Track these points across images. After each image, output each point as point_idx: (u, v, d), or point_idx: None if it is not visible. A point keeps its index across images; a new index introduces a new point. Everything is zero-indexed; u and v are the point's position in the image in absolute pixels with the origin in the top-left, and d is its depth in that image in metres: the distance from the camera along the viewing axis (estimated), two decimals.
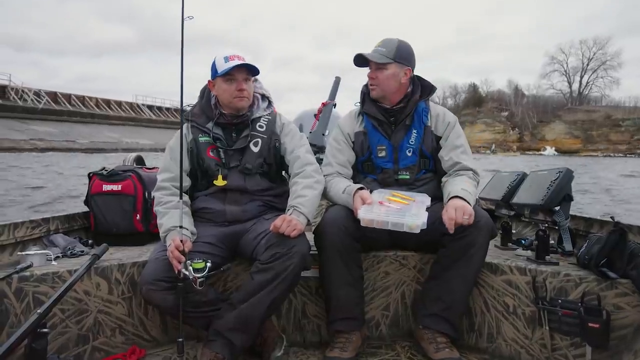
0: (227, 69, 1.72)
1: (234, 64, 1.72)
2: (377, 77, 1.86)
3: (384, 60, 1.84)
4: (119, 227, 2.16)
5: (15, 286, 1.58)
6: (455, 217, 1.59)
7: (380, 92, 1.88)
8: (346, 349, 1.69)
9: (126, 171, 2.23)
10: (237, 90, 1.75)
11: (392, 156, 1.90)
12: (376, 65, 1.86)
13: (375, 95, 1.90)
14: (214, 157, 1.80)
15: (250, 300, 1.58)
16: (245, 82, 1.76)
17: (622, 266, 1.58)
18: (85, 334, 1.69)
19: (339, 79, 3.05)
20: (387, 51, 1.85)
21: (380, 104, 1.92)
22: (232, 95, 1.76)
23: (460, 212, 1.59)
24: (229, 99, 1.77)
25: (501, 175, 2.56)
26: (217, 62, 1.76)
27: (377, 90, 1.88)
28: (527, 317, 1.72)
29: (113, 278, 1.75)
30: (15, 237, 1.88)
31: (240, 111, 1.81)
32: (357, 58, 1.89)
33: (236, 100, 1.77)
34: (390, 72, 1.85)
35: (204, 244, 1.69)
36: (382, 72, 1.85)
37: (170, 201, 1.74)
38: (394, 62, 1.84)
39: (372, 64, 1.87)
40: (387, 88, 1.87)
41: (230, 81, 1.75)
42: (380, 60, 1.84)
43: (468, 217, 1.60)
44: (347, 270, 1.72)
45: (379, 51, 1.86)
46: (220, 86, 1.77)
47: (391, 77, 1.85)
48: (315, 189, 1.75)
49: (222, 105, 1.82)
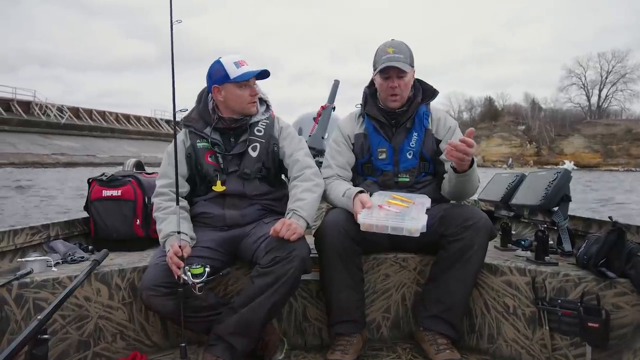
0: (245, 76, 1.73)
1: (251, 71, 1.74)
2: (399, 86, 1.82)
3: (407, 68, 1.81)
4: (119, 232, 2.16)
5: (16, 293, 1.58)
6: (457, 145, 1.55)
7: (402, 100, 1.86)
8: (347, 351, 1.69)
9: (126, 176, 2.23)
10: (250, 96, 1.78)
11: (392, 158, 1.90)
12: (399, 73, 1.80)
13: (398, 105, 1.86)
14: (212, 163, 1.81)
15: (250, 304, 1.58)
16: (255, 86, 1.80)
17: (621, 266, 1.59)
18: (86, 339, 1.69)
19: (337, 82, 3.06)
20: (404, 57, 1.82)
21: (383, 106, 1.92)
22: (247, 100, 1.78)
23: (463, 145, 1.55)
24: (242, 105, 1.79)
25: (500, 177, 2.57)
26: (227, 68, 1.74)
27: (399, 99, 1.85)
28: (527, 318, 1.72)
29: (113, 283, 1.75)
30: (15, 244, 1.88)
31: (250, 115, 1.83)
32: (388, 69, 1.79)
33: (250, 105, 1.80)
34: (408, 78, 1.84)
35: (203, 248, 1.69)
36: (403, 79, 1.82)
37: (169, 206, 1.74)
38: (411, 67, 1.84)
39: (394, 73, 1.80)
40: (407, 94, 1.87)
41: (244, 87, 1.76)
42: (405, 67, 1.80)
43: (465, 154, 1.57)
44: (347, 273, 1.73)
45: (397, 58, 1.80)
46: (233, 92, 1.76)
47: (409, 83, 1.86)
48: (314, 192, 1.76)
49: (230, 110, 1.81)
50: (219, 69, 1.76)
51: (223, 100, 1.80)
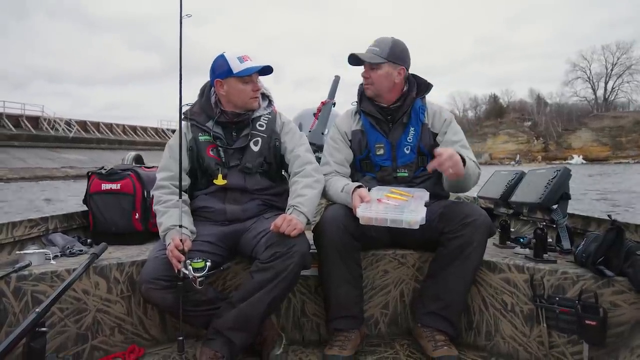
0: (248, 71, 1.74)
1: (254, 66, 1.75)
2: (370, 77, 1.89)
3: (376, 60, 1.85)
4: (118, 226, 2.16)
5: (14, 285, 1.58)
6: (442, 159, 1.56)
7: (375, 90, 1.90)
8: (345, 347, 1.69)
9: (125, 170, 2.23)
10: (253, 91, 1.79)
11: (390, 154, 1.91)
12: (369, 65, 1.88)
13: (370, 94, 1.92)
14: (214, 156, 1.80)
15: (249, 299, 1.58)
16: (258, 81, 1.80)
17: (619, 264, 1.59)
18: (84, 333, 1.69)
19: (338, 78, 3.05)
20: (380, 51, 1.86)
21: (377, 102, 1.93)
22: (249, 95, 1.79)
23: (449, 157, 1.57)
24: (244, 100, 1.80)
25: (500, 174, 2.57)
26: (231, 63, 1.75)
27: (371, 88, 1.91)
28: (525, 315, 1.73)
29: (112, 277, 1.75)
30: (13, 236, 1.87)
31: (252, 110, 1.84)
32: (351, 58, 1.90)
33: (252, 100, 1.81)
34: (383, 71, 1.86)
35: (203, 242, 1.69)
36: (376, 71, 1.87)
37: (170, 200, 1.74)
38: (387, 62, 1.86)
39: (366, 64, 1.89)
40: (381, 87, 1.89)
41: (247, 82, 1.77)
42: (373, 60, 1.86)
43: (453, 168, 1.58)
44: (346, 269, 1.73)
45: (372, 51, 1.88)
46: (236, 86, 1.77)
47: (384, 77, 1.87)
48: (315, 188, 1.76)
49: (232, 104, 1.82)
50: (222, 63, 1.77)
51: (225, 95, 1.80)
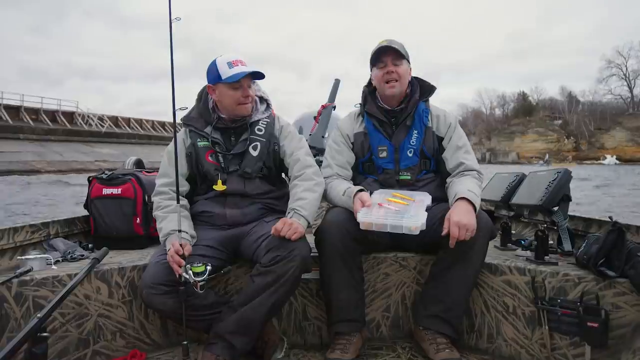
0: (235, 77, 1.69)
1: (242, 72, 1.70)
2: (396, 71, 1.83)
3: (402, 53, 1.83)
4: (119, 230, 2.16)
5: (15, 290, 1.58)
6: (458, 235, 1.57)
7: (400, 87, 1.85)
8: (347, 350, 1.69)
9: (126, 175, 2.23)
10: (242, 97, 1.75)
11: (393, 157, 1.90)
12: (394, 60, 1.82)
13: (396, 91, 1.84)
14: (213, 162, 1.80)
15: (251, 303, 1.58)
16: (249, 87, 1.76)
17: (621, 265, 1.59)
18: (86, 338, 1.69)
19: (338, 81, 3.06)
20: (398, 47, 1.83)
21: (382, 105, 1.92)
22: (237, 101, 1.75)
23: (464, 230, 1.58)
24: (233, 106, 1.76)
25: (500, 176, 2.57)
26: (220, 68, 1.72)
27: (398, 86, 1.84)
28: (527, 317, 1.72)
29: (113, 282, 1.75)
30: (15, 242, 1.88)
31: (243, 116, 1.81)
32: (384, 49, 1.81)
33: (240, 107, 1.77)
34: (405, 67, 1.86)
35: (204, 247, 1.69)
36: (399, 67, 1.83)
37: (169, 205, 1.74)
38: (406, 59, 1.86)
39: (390, 59, 1.83)
40: (405, 83, 1.87)
41: (236, 88, 1.73)
42: (402, 50, 1.83)
43: (470, 233, 1.59)
44: (347, 273, 1.73)
45: (393, 43, 1.83)
46: (225, 92, 1.74)
47: (405, 75, 1.86)
48: (315, 192, 1.75)
49: (223, 110, 1.81)
50: (212, 69, 1.75)
51: (218, 100, 1.80)
